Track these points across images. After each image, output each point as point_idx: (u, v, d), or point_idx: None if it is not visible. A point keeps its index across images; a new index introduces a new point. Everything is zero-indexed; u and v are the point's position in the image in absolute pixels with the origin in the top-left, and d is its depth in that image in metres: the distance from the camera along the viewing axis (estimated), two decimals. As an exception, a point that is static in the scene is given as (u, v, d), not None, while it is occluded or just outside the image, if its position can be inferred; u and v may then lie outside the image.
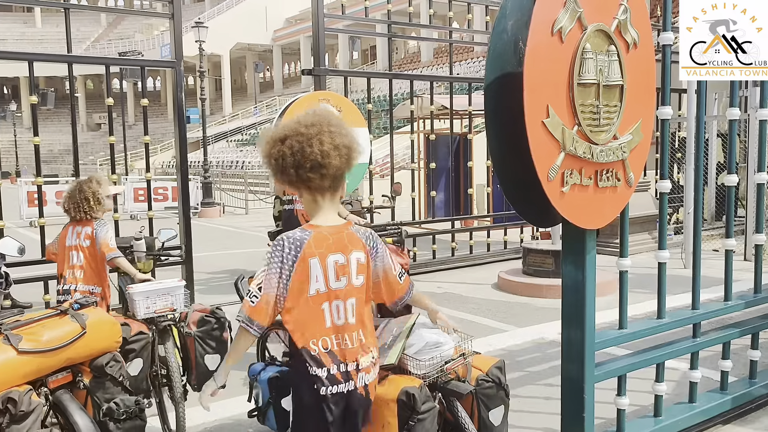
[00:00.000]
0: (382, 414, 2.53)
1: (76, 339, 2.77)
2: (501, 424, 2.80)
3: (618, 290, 6.82)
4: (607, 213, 3.14)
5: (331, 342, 2.25)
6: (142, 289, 3.72)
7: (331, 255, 2.25)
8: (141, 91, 7.19)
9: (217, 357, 3.70)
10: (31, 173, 25.85)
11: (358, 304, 2.30)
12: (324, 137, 2.22)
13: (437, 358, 2.65)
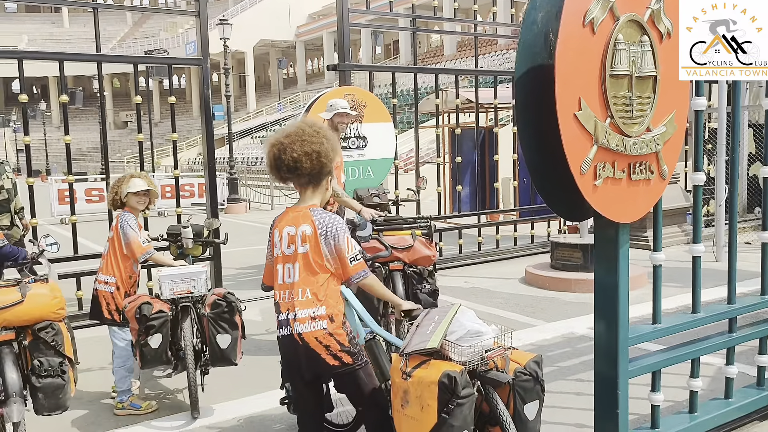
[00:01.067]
0: (422, 396, 2.58)
1: (13, 305, 3.35)
2: (535, 420, 2.77)
3: (647, 284, 6.75)
4: (640, 206, 3.10)
5: (280, 295, 2.86)
6: (168, 273, 4.21)
7: (286, 227, 2.86)
8: (168, 88, 7.25)
9: (228, 337, 4.07)
10: (61, 171, 26.29)
11: (302, 267, 2.82)
12: (296, 146, 2.80)
13: (478, 346, 2.67)
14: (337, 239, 2.83)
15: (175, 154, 7.33)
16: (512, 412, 2.71)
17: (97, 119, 43.83)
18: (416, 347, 2.70)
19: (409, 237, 4.63)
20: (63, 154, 6.35)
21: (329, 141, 2.88)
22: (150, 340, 3.97)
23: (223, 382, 4.76)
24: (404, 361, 2.70)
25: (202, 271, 4.30)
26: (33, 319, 3.41)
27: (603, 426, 3.17)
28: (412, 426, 2.65)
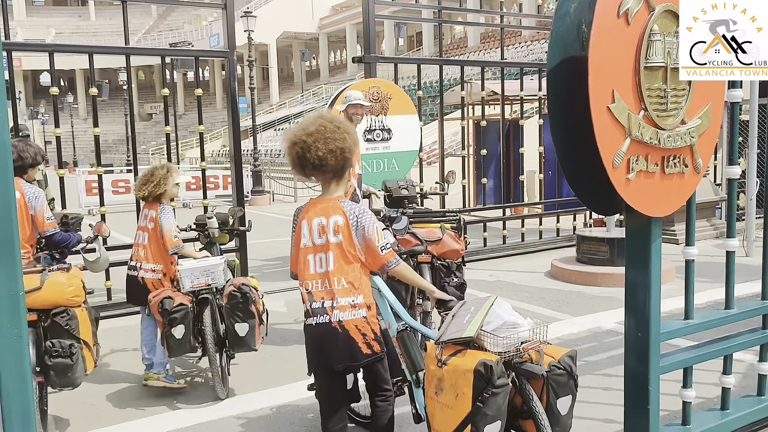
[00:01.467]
0: (457, 384, 2.60)
1: (31, 291, 3.60)
2: (567, 415, 2.75)
3: (675, 279, 6.66)
4: (673, 200, 3.05)
5: (313, 285, 2.87)
6: (188, 266, 4.40)
7: (315, 218, 2.89)
8: (192, 81, 7.31)
9: (245, 326, 4.24)
10: (88, 163, 26.63)
11: (336, 257, 2.85)
12: (320, 144, 2.85)
13: (513, 338, 2.68)
14: (366, 229, 2.87)
15: (201, 146, 7.38)
16: (545, 405, 2.69)
17: (123, 111, 44.33)
18: (452, 336, 2.71)
19: (438, 230, 4.65)
20: (90, 146, 6.48)
21: (351, 135, 2.94)
22: (174, 331, 4.20)
23: (251, 372, 4.80)
24: (440, 349, 2.72)
25: (220, 264, 4.47)
26: (50, 304, 3.72)
27: (633, 422, 3.14)
28: (445, 414, 2.66)
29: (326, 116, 2.99)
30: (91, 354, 3.91)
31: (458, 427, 2.60)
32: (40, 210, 4.24)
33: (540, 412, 2.66)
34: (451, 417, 2.62)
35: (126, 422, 4.03)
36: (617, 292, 6.74)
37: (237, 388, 4.52)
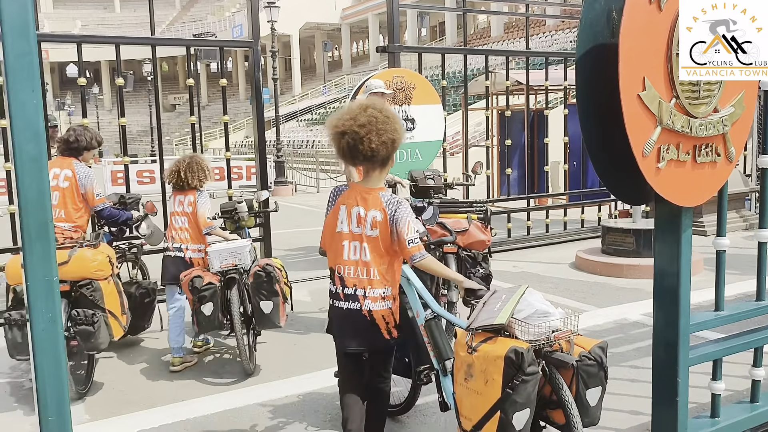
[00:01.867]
0: (487, 370, 2.60)
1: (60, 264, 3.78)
2: (596, 406, 2.74)
3: (703, 270, 6.58)
4: (705, 190, 3.01)
5: (346, 270, 2.94)
6: (217, 248, 4.67)
7: (355, 207, 2.95)
8: (215, 72, 7.35)
9: (270, 303, 4.48)
10: (113, 153, 26.94)
11: (371, 249, 2.92)
12: (372, 136, 2.86)
13: (545, 326, 2.68)
14: (398, 222, 2.91)
15: (226, 136, 7.42)
16: (574, 395, 2.68)
17: (147, 102, 44.72)
18: (483, 323, 2.72)
19: (464, 220, 4.63)
20: (115, 137, 6.58)
21: (399, 125, 2.98)
22: (203, 308, 4.45)
23: (276, 361, 4.84)
24: (470, 335, 2.73)
25: (246, 246, 4.75)
26: (77, 277, 4.17)
27: (661, 414, 3.11)
28: (474, 400, 2.66)
29: (375, 106, 2.98)
30: (118, 322, 4.31)
31: (487, 413, 2.60)
32: (90, 187, 4.84)
33: (569, 401, 2.65)
34: (480, 403, 2.63)
35: (154, 407, 4.08)
36: (643, 284, 6.68)
37: (262, 377, 4.56)
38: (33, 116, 1.73)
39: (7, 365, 4.95)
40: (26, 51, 1.74)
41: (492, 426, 2.59)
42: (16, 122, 1.72)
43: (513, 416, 2.55)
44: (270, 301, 4.48)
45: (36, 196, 1.75)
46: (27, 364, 4.89)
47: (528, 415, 2.59)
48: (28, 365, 4.75)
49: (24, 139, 1.72)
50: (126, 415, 3.99)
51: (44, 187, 1.76)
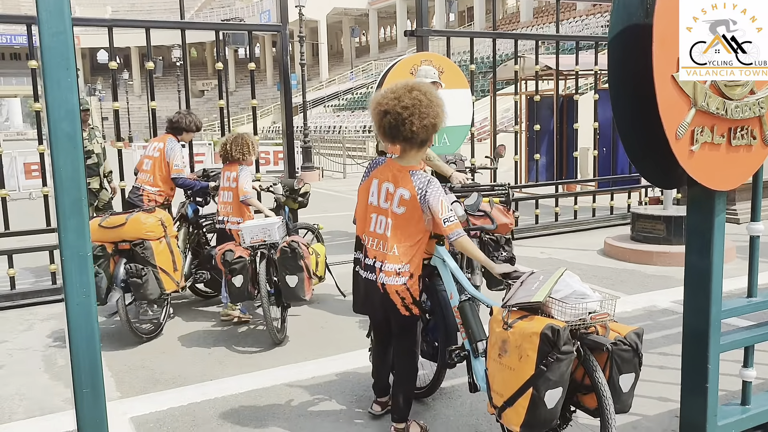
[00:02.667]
0: (522, 346, 2.59)
1: (118, 226, 4.86)
2: (628, 393, 2.72)
3: (736, 258, 6.46)
4: (739, 174, 2.94)
5: (369, 241, 3.11)
6: (248, 224, 4.98)
7: (385, 183, 3.09)
8: (243, 58, 7.39)
9: (295, 278, 4.70)
10: (143, 139, 27.26)
11: (395, 225, 3.04)
12: (415, 119, 2.95)
13: (581, 307, 2.65)
14: (430, 202, 3.01)
15: (254, 119, 7.47)
16: (607, 380, 2.66)
17: (176, 88, 45.08)
18: (521, 300, 2.73)
19: (486, 204, 4.59)
20: (144, 122, 6.68)
21: (443, 109, 3.05)
22: (234, 280, 4.80)
23: (304, 342, 4.89)
24: (506, 312, 2.74)
25: (276, 222, 4.99)
26: (132, 237, 4.86)
27: (691, 400, 3.07)
28: (507, 375, 2.66)
29: (421, 88, 3.03)
30: (170, 278, 5.01)
31: (519, 389, 2.60)
32: (172, 159, 5.72)
33: (603, 383, 2.63)
34: (513, 379, 2.63)
35: (182, 386, 4.14)
36: (673, 271, 6.59)
37: (291, 357, 4.60)
38: (67, 94, 1.76)
39: (41, 343, 5.07)
40: (61, 30, 1.76)
41: (524, 402, 2.58)
42: (51, 100, 1.75)
43: (545, 393, 2.54)
44: (295, 276, 4.70)
45: (71, 173, 1.78)
46: (61, 341, 5.02)
47: (560, 394, 2.57)
48: (62, 342, 4.88)
49: (59, 117, 1.75)
50: (156, 393, 4.07)
51: (78, 164, 1.79)
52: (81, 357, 1.88)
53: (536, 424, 2.60)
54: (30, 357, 4.79)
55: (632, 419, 3.48)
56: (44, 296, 6.18)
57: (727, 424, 3.08)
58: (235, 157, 5.38)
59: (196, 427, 3.56)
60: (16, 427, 3.66)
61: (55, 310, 5.89)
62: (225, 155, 5.43)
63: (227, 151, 5.40)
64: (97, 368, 1.91)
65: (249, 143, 5.42)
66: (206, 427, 3.55)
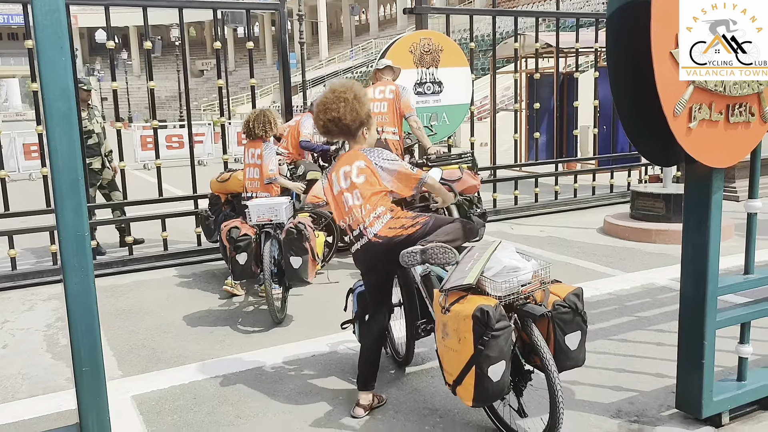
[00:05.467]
0: (459, 329, 2.77)
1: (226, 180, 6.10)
2: (578, 350, 2.90)
3: (734, 236, 6.47)
4: (737, 151, 2.95)
5: (349, 219, 3.35)
6: (256, 203, 5.03)
7: (341, 168, 3.40)
8: (242, 37, 7.36)
9: (299, 259, 4.70)
10: (143, 119, 27.18)
11: (361, 193, 3.32)
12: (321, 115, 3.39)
13: (513, 281, 2.82)
14: (390, 163, 3.37)
15: (253, 98, 7.43)
16: (553, 342, 2.84)
17: (175, 68, 44.85)
18: (454, 283, 2.86)
19: (457, 170, 5.06)
20: (144, 103, 6.72)
21: (348, 104, 3.33)
22: (238, 257, 4.86)
23: (306, 320, 4.92)
24: (443, 296, 2.88)
25: (283, 202, 5.00)
26: (232, 191, 5.99)
27: (687, 376, 3.11)
28: (452, 356, 2.83)
29: (335, 87, 3.42)
30: None
31: (464, 368, 2.76)
32: (301, 129, 6.66)
33: (542, 347, 2.79)
34: (457, 359, 2.79)
35: (183, 365, 4.18)
36: (672, 249, 6.60)
37: (291, 335, 4.64)
38: (62, 73, 1.75)
39: (43, 323, 5.11)
40: (54, 8, 1.75)
41: (470, 380, 2.75)
42: (46, 79, 1.75)
43: (488, 369, 2.70)
44: (299, 257, 4.69)
45: (67, 153, 1.78)
46: (62, 321, 5.05)
47: (504, 367, 2.72)
48: (64, 322, 4.90)
49: (53, 96, 1.74)
50: (157, 372, 4.10)
51: (74, 144, 1.79)
52: (80, 336, 1.90)
53: (487, 397, 2.79)
54: (32, 337, 4.83)
55: (629, 395, 3.51)
56: (46, 276, 6.21)
57: (723, 399, 3.11)
58: (258, 134, 5.41)
59: (197, 405, 3.59)
60: (19, 406, 3.70)
61: (57, 291, 5.92)
62: (248, 132, 5.46)
63: (250, 128, 5.43)
64: (97, 347, 1.92)
65: (271, 120, 5.44)
66: (207, 405, 3.59)
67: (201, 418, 3.45)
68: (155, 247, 7.12)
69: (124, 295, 5.80)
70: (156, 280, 6.24)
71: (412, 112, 6.17)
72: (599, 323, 4.62)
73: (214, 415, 3.48)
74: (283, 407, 3.54)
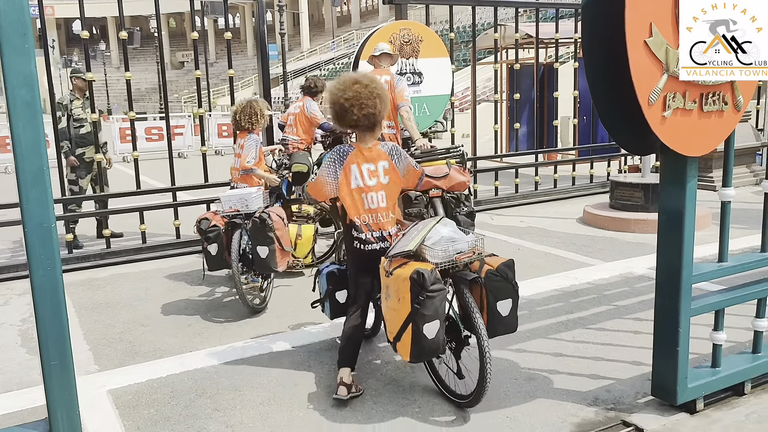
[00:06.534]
0: (399, 290, 3.05)
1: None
2: (510, 316, 3.19)
3: (711, 225, 6.54)
4: (711, 139, 2.96)
5: (368, 218, 3.44)
6: (227, 194, 5.04)
7: (364, 164, 3.44)
8: (222, 28, 7.28)
9: (266, 249, 4.74)
10: (122, 111, 26.87)
11: (388, 195, 3.46)
12: (355, 110, 3.36)
13: (449, 250, 3.13)
14: (403, 157, 3.52)
15: (231, 90, 7.36)
16: (487, 308, 3.15)
17: (155, 60, 44.33)
18: (398, 250, 3.17)
19: (444, 166, 4.85)
20: (123, 95, 6.58)
21: (382, 100, 3.42)
22: (209, 248, 4.87)
23: (286, 315, 4.90)
24: (388, 262, 3.18)
25: (252, 193, 5.02)
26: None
27: (662, 363, 3.13)
28: (393, 315, 3.12)
29: (362, 80, 3.44)
30: None
31: (402, 326, 3.05)
32: (312, 114, 7.08)
33: (474, 310, 3.11)
34: (396, 318, 3.08)
35: (160, 359, 4.14)
36: (650, 239, 6.62)
37: (268, 328, 4.61)
38: (24, 60, 1.71)
39: (18, 317, 5.04)
40: (16, -6, 1.71)
41: (407, 337, 3.04)
42: (8, 67, 1.70)
43: (423, 327, 2.99)
44: (265, 247, 4.72)
45: (31, 142, 1.74)
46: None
47: (438, 326, 3.02)
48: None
49: (16, 83, 1.70)
50: (135, 365, 4.06)
51: (38, 132, 1.75)
52: (48, 329, 1.86)
53: (422, 353, 3.07)
54: (6, 332, 4.76)
55: (606, 383, 3.53)
56: (21, 270, 6.13)
57: (698, 386, 3.14)
58: (244, 126, 5.40)
59: (175, 399, 3.56)
60: (-7, 401, 3.65)
61: (32, 285, 5.84)
62: (236, 124, 5.46)
63: (237, 120, 5.43)
64: (65, 340, 1.89)
65: (258, 111, 5.41)
66: (184, 399, 3.56)
67: (178, 411, 3.42)
68: (133, 241, 7.05)
69: (101, 288, 5.74)
70: (134, 273, 6.18)
71: (405, 102, 5.96)
72: (578, 312, 4.65)
73: (192, 408, 3.45)
74: (260, 398, 3.52)
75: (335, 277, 3.75)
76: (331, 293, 3.76)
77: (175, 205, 6.88)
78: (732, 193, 3.16)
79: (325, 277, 3.78)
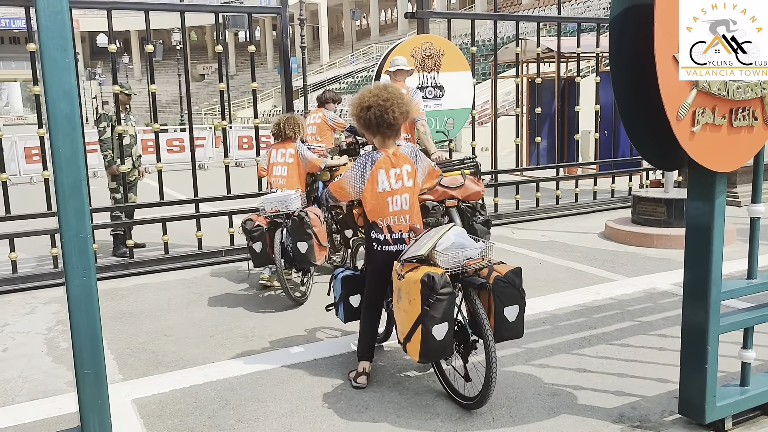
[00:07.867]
0: (410, 292, 3.19)
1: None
2: (516, 321, 3.29)
3: (736, 241, 6.46)
4: (740, 155, 2.94)
5: (393, 219, 3.61)
6: (268, 197, 5.55)
7: (391, 169, 3.62)
8: (243, 41, 7.38)
9: (305, 244, 5.16)
10: (144, 123, 27.21)
11: (412, 199, 3.65)
12: (395, 108, 3.57)
13: (459, 255, 3.28)
14: (423, 160, 3.76)
15: (254, 103, 7.44)
16: (494, 314, 3.25)
17: (176, 72, 44.88)
18: (410, 255, 3.34)
19: (459, 177, 5.04)
20: (145, 106, 6.70)
21: (408, 105, 3.68)
22: (254, 246, 5.36)
23: (310, 323, 4.91)
24: (401, 265, 3.35)
25: (292, 194, 5.47)
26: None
27: (689, 381, 3.09)
28: (403, 316, 3.28)
29: (390, 86, 3.69)
30: None
31: (412, 327, 3.19)
32: (335, 119, 7.58)
33: (482, 314, 3.22)
34: (407, 319, 3.23)
35: (184, 369, 4.16)
36: (674, 254, 6.59)
37: (291, 341, 4.62)
38: (65, 74, 1.75)
39: (44, 326, 5.10)
40: (58, 9, 1.75)
41: (417, 337, 3.18)
42: (49, 80, 1.74)
43: (432, 328, 3.12)
44: (305, 242, 5.15)
45: (70, 154, 1.78)
46: (63, 325, 5.04)
47: (447, 328, 3.16)
48: (65, 326, 4.90)
49: (57, 97, 1.74)
50: (158, 375, 4.09)
51: (77, 145, 1.79)
52: (82, 338, 1.89)
53: (431, 353, 3.23)
54: (32, 340, 4.81)
55: (632, 400, 3.49)
56: (46, 280, 6.21)
57: (726, 404, 3.10)
58: (288, 135, 5.87)
59: (198, 409, 3.58)
60: (19, 409, 3.68)
61: (57, 294, 5.91)
62: (278, 133, 5.89)
63: (281, 129, 5.87)
64: (99, 349, 1.91)
65: (299, 123, 5.96)
66: (208, 409, 3.58)
67: (202, 422, 3.44)
68: (156, 251, 7.11)
69: (124, 298, 5.79)
70: (156, 284, 6.23)
71: (421, 116, 6.02)
72: (601, 328, 4.61)
73: (215, 419, 3.47)
74: (284, 410, 3.53)
75: (349, 282, 3.91)
76: (345, 297, 3.92)
77: (198, 216, 6.95)
78: (761, 209, 3.13)
79: (340, 282, 3.94)
